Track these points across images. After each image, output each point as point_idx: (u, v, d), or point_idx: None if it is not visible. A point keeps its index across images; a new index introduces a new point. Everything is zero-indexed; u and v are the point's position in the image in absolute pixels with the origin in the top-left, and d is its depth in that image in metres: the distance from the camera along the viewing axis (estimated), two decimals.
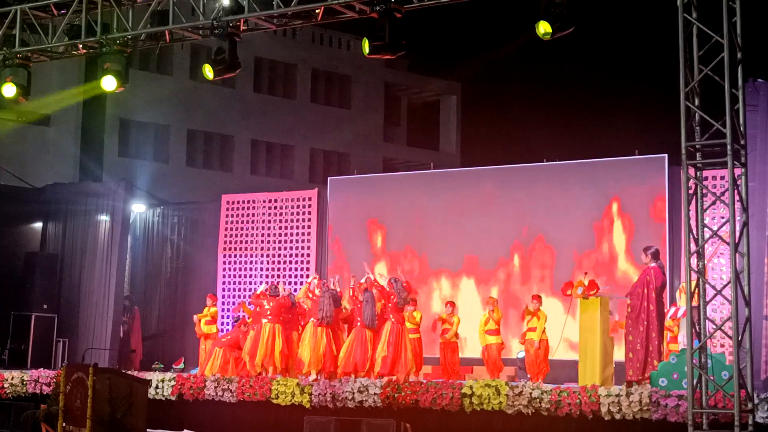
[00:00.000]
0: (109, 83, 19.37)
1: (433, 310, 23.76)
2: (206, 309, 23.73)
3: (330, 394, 19.42)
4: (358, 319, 20.42)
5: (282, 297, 21.35)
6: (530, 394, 17.44)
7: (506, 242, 23.95)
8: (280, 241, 26.31)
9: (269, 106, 43.98)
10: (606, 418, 16.77)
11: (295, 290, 22.91)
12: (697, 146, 15.02)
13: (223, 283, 26.57)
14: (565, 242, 23.29)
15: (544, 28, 16.12)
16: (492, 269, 24.05)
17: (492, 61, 46.10)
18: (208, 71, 18.77)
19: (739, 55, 14.75)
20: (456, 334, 21.75)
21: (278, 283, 22.33)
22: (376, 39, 17.14)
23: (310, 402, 19.64)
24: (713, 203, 15.75)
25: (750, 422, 14.47)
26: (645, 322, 17.65)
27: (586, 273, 20.02)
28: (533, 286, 23.34)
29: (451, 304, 22.20)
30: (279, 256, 26.15)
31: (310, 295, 21.30)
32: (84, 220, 27.23)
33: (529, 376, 20.48)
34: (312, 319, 20.68)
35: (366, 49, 17.27)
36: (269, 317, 21.12)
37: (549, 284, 23.17)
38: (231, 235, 26.97)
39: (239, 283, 26.19)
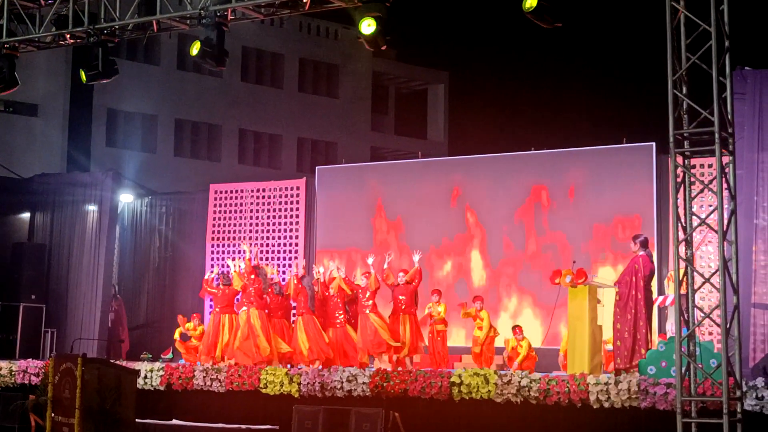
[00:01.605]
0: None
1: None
2: (191, 325, 23.55)
3: (319, 383, 19.42)
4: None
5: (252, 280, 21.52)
6: (519, 382, 17.45)
7: (497, 231, 23.96)
8: (268, 231, 26.30)
9: (257, 95, 43.95)
10: (595, 407, 16.79)
11: (283, 279, 22.89)
12: (684, 134, 15.02)
13: (211, 272, 26.50)
14: (552, 230, 23.30)
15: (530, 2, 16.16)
16: (482, 260, 24.10)
17: (479, 50, 46.17)
18: (195, 49, 18.56)
19: (726, 44, 14.75)
20: (444, 321, 21.78)
21: (266, 266, 22.47)
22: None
23: (299, 391, 19.64)
24: (701, 191, 15.77)
25: (738, 410, 14.49)
26: (633, 311, 17.67)
27: (574, 261, 20.02)
28: (522, 277, 23.39)
29: (437, 292, 22.19)
30: (267, 245, 26.12)
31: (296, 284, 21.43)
32: (72, 210, 27.20)
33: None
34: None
35: (367, 30, 17.06)
36: (252, 303, 21.29)
37: (540, 276, 23.22)
38: (219, 225, 26.95)
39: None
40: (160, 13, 18.89)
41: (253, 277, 21.59)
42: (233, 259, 23.18)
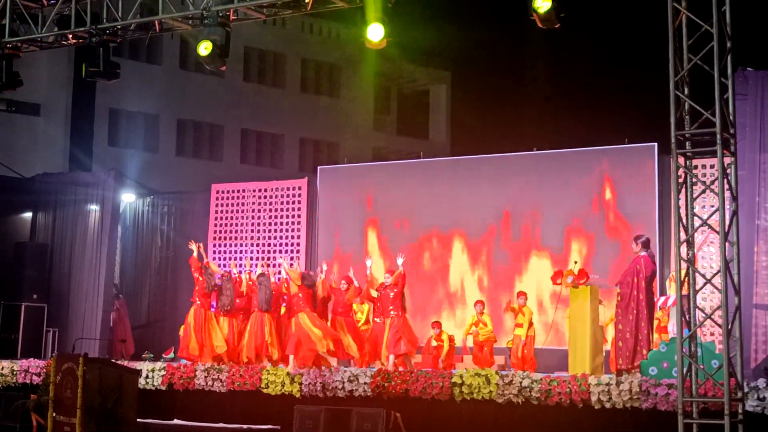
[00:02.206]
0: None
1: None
2: None
3: (320, 383, 19.44)
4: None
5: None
6: (520, 383, 17.47)
7: (499, 231, 23.96)
8: (270, 231, 26.31)
9: (259, 95, 43.95)
10: (596, 407, 16.80)
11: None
12: (686, 135, 15.03)
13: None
14: (556, 231, 23.30)
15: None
16: (484, 261, 24.10)
17: (481, 50, 46.13)
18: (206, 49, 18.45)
19: (728, 44, 14.75)
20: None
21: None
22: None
23: (300, 391, 19.66)
24: (703, 192, 15.76)
25: (740, 411, 14.49)
26: (635, 311, 17.68)
27: (576, 262, 20.04)
28: (524, 277, 23.40)
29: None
30: (269, 245, 26.13)
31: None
32: (74, 209, 27.21)
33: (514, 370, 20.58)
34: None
35: (375, 38, 17.07)
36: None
37: (541, 276, 23.22)
38: (221, 225, 26.96)
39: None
40: (162, 13, 18.91)
41: (196, 275, 21.80)
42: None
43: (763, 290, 18.71)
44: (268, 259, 25.15)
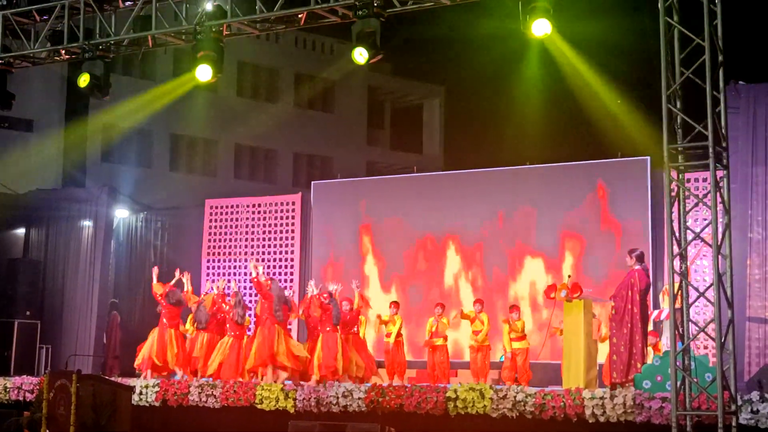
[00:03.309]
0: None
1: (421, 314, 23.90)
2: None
3: (314, 398, 19.40)
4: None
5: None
6: (514, 397, 17.44)
7: (493, 245, 24.00)
8: (264, 246, 26.33)
9: (253, 110, 43.92)
10: (590, 421, 16.78)
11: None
12: (679, 148, 15.05)
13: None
14: (550, 244, 23.35)
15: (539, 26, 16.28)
16: (478, 272, 24.13)
17: (475, 65, 46.12)
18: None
19: (720, 58, 14.79)
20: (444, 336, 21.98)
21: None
22: (360, 43, 17.11)
23: (295, 407, 19.62)
24: (696, 205, 15.78)
25: (733, 424, 14.50)
26: (629, 325, 17.67)
27: (569, 275, 20.05)
28: (519, 289, 23.43)
29: (441, 305, 22.30)
30: (263, 260, 26.12)
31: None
32: (67, 225, 27.20)
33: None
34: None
35: (360, 59, 17.16)
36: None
37: (533, 289, 23.25)
38: (215, 240, 26.97)
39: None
40: (156, 29, 18.92)
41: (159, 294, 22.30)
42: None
43: (756, 303, 18.77)
44: (267, 273, 25.21)
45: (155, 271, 22.94)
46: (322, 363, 20.51)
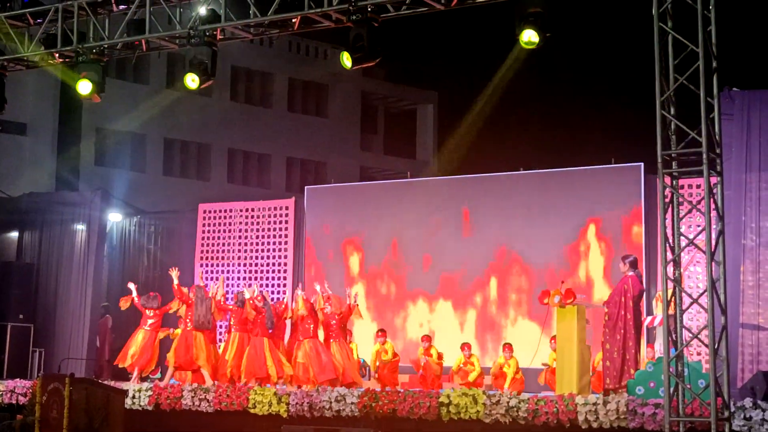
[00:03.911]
0: (84, 87, 19.25)
1: (408, 334, 23.98)
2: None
3: (307, 403, 19.38)
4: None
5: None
6: (507, 403, 17.42)
7: (484, 259, 23.97)
8: (257, 250, 26.30)
9: (246, 114, 43.96)
10: (583, 427, 16.76)
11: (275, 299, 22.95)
12: (673, 155, 15.05)
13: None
14: (542, 250, 23.34)
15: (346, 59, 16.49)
16: (469, 290, 24.11)
17: (468, 70, 46.20)
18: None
19: (714, 64, 14.80)
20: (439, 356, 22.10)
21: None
22: (355, 50, 17.15)
23: (288, 411, 19.59)
24: (689, 212, 15.80)
25: (726, 430, 14.49)
26: (622, 331, 17.68)
27: (563, 281, 20.04)
28: (512, 297, 23.44)
29: (427, 338, 22.45)
30: (256, 265, 26.12)
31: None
32: (60, 229, 27.13)
33: None
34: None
35: (347, 63, 17.26)
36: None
37: (526, 300, 23.27)
38: (208, 245, 26.94)
39: None
40: (149, 33, 18.92)
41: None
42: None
43: (750, 310, 18.75)
44: (256, 279, 25.23)
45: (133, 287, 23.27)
46: (247, 368, 21.11)
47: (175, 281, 22.21)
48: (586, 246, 22.90)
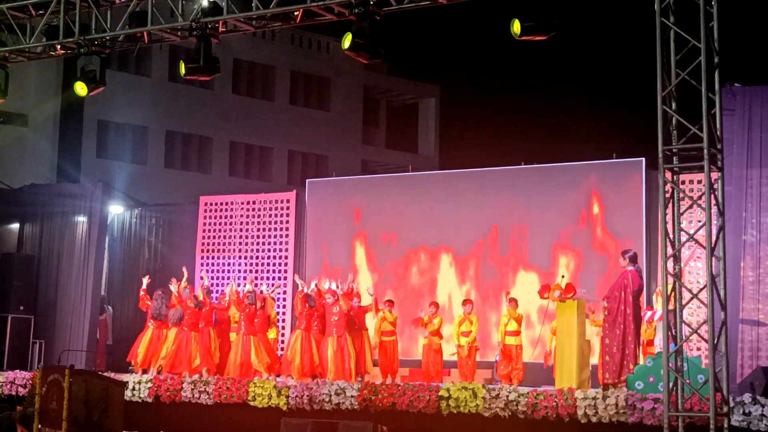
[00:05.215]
0: (80, 90, 19.32)
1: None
2: None
3: (307, 396, 19.41)
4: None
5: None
6: (507, 396, 17.45)
7: (485, 248, 23.99)
8: (258, 243, 26.30)
9: (248, 107, 43.94)
10: (582, 421, 16.80)
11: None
12: (674, 150, 15.05)
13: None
14: (543, 245, 23.35)
15: (516, 27, 16.22)
16: (472, 275, 24.13)
17: (471, 64, 46.23)
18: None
19: (716, 60, 14.79)
20: (439, 334, 21.97)
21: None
22: (357, 37, 17.10)
23: (287, 404, 19.63)
24: (690, 207, 15.79)
25: (725, 425, 14.50)
26: (622, 326, 17.69)
27: (563, 276, 20.05)
28: (511, 292, 23.44)
29: (435, 304, 22.33)
30: (257, 258, 26.12)
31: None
32: (61, 221, 27.14)
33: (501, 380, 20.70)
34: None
35: (346, 44, 17.15)
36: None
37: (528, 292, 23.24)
38: (209, 237, 26.94)
39: (217, 285, 26.09)
40: (151, 25, 18.89)
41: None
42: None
43: (749, 305, 18.78)
44: (256, 271, 25.29)
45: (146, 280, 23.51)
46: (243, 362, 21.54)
47: (175, 292, 22.47)
48: (586, 239, 22.89)
